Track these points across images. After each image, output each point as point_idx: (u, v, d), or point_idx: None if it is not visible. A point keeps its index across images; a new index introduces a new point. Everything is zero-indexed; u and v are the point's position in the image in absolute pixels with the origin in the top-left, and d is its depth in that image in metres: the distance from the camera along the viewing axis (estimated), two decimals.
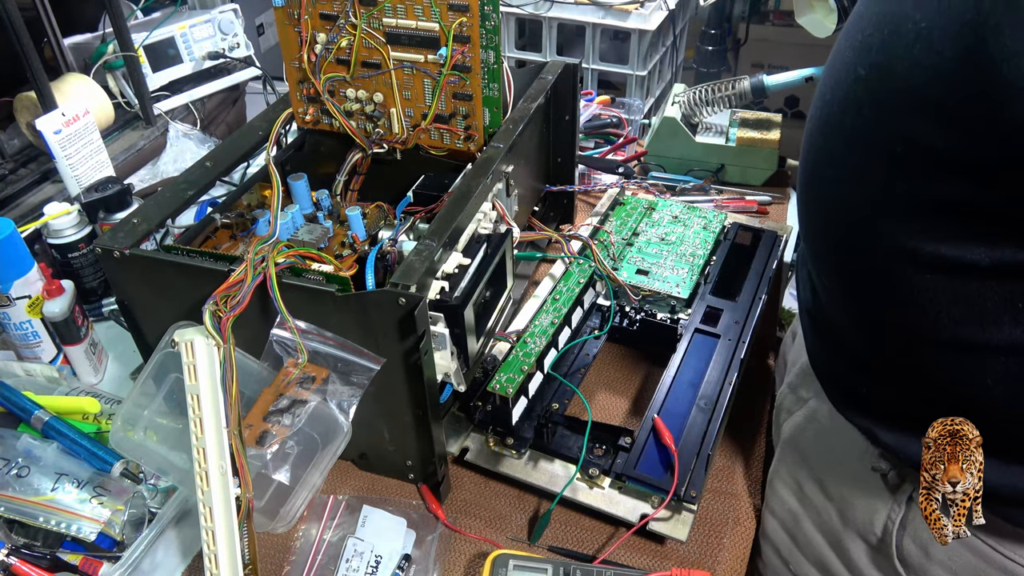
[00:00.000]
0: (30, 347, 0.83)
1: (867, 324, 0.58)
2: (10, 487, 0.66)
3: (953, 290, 0.49)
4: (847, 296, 0.59)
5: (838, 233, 0.57)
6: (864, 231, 0.54)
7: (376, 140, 0.84)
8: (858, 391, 0.61)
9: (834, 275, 0.60)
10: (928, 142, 0.46)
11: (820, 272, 0.62)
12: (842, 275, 0.59)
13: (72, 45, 1.25)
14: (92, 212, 0.90)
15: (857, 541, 0.64)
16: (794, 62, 1.11)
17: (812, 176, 0.59)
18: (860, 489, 0.63)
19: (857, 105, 0.52)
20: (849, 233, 0.56)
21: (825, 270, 0.61)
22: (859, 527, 0.63)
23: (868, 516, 0.63)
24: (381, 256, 0.69)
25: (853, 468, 0.63)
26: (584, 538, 0.69)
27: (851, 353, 0.62)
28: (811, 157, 0.59)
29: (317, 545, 0.66)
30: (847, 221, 0.55)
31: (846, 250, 0.57)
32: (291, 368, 0.60)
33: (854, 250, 0.56)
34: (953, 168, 0.46)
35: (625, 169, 1.10)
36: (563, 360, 0.81)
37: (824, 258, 0.61)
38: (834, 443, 0.66)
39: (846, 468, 0.64)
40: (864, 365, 0.60)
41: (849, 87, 0.52)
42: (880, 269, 0.53)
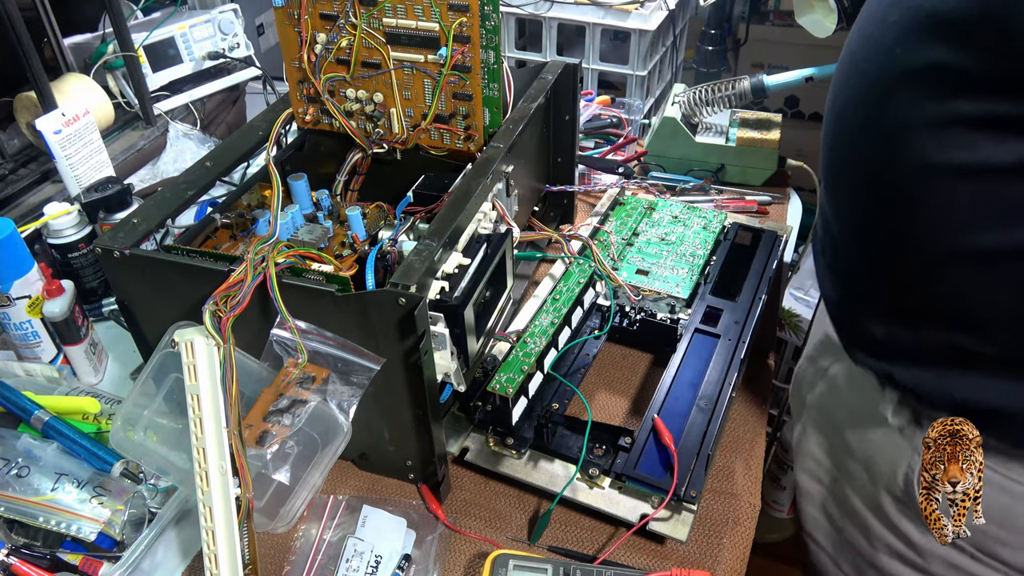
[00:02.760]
0: (30, 347, 0.83)
1: (884, 257, 0.62)
2: (10, 487, 0.66)
3: (977, 195, 0.53)
4: (867, 232, 0.63)
5: (863, 170, 0.61)
6: (890, 157, 0.58)
7: (376, 140, 0.84)
8: (875, 335, 0.65)
9: (854, 214, 0.64)
10: (960, 66, 0.51)
11: (841, 217, 0.66)
12: (864, 210, 0.62)
13: (72, 45, 1.25)
14: (92, 212, 0.90)
15: (887, 498, 0.68)
16: (794, 62, 1.11)
17: (839, 119, 0.63)
18: (880, 446, 0.68)
19: (887, 48, 0.56)
20: (874, 163, 0.59)
21: (846, 214, 0.65)
22: (886, 483, 0.68)
23: (891, 470, 0.67)
24: (381, 256, 0.69)
25: (872, 426, 0.68)
26: (584, 538, 0.69)
27: (869, 295, 0.65)
28: (838, 104, 0.64)
29: (317, 545, 0.66)
30: (873, 151, 0.59)
31: (869, 183, 0.60)
32: (291, 368, 0.60)
33: (878, 180, 0.59)
34: (983, 87, 0.51)
35: (625, 169, 1.10)
36: (563, 360, 0.81)
37: (845, 201, 0.65)
38: (853, 404, 0.71)
39: (865, 427, 0.69)
40: (882, 305, 0.64)
41: (881, 33, 0.57)
42: (905, 191, 0.57)
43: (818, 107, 2.04)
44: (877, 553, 0.72)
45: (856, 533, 0.73)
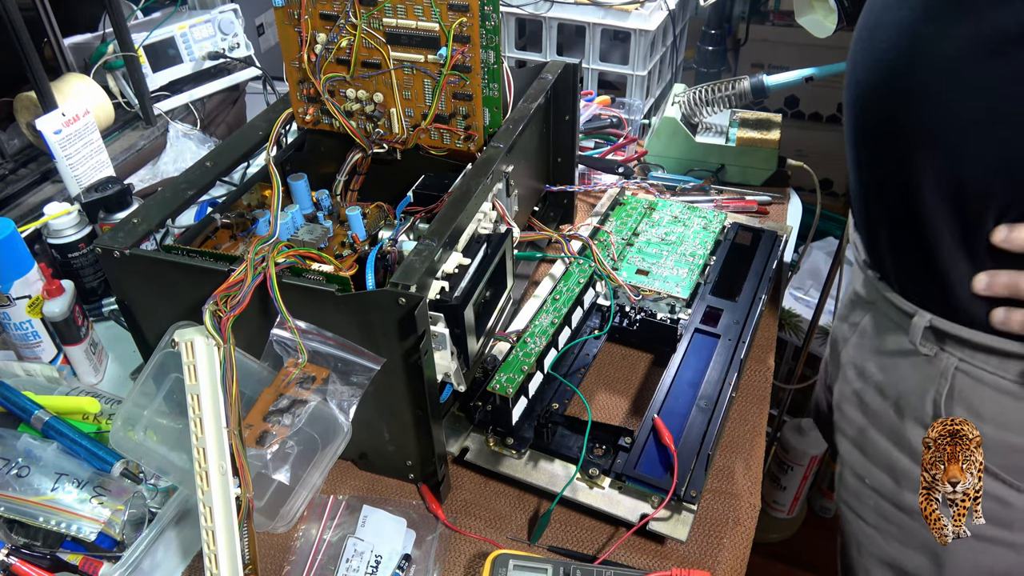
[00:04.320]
0: (30, 347, 0.83)
1: (904, 180, 0.64)
2: (10, 487, 0.66)
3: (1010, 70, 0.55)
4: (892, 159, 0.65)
5: (888, 92, 0.63)
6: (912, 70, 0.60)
7: (376, 140, 0.84)
8: (909, 262, 0.68)
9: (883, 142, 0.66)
10: None
11: (871, 152, 0.69)
12: (887, 135, 0.65)
13: (72, 45, 1.25)
14: (92, 212, 0.90)
15: (915, 428, 0.70)
16: (794, 62, 1.11)
17: (866, 42, 0.65)
18: (909, 377, 0.70)
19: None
20: (894, 49, 0.62)
21: (872, 146, 0.68)
22: (915, 414, 0.70)
23: (920, 399, 0.69)
24: (381, 256, 0.69)
25: (900, 358, 0.71)
26: (584, 538, 0.69)
27: (899, 222, 0.67)
28: (861, 45, 0.66)
29: (317, 545, 0.66)
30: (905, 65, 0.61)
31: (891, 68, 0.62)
32: (291, 368, 0.60)
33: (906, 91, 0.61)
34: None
35: (625, 169, 1.10)
36: (563, 360, 0.81)
37: (872, 135, 0.67)
38: (884, 343, 0.74)
39: (896, 362, 0.72)
40: (910, 228, 0.66)
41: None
42: (934, 87, 0.59)
43: (818, 107, 2.04)
44: (902, 491, 0.73)
45: (881, 475, 0.75)
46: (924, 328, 0.68)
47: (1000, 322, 0.61)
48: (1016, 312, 0.60)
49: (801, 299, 1.68)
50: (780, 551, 1.63)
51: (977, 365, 0.65)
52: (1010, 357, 0.63)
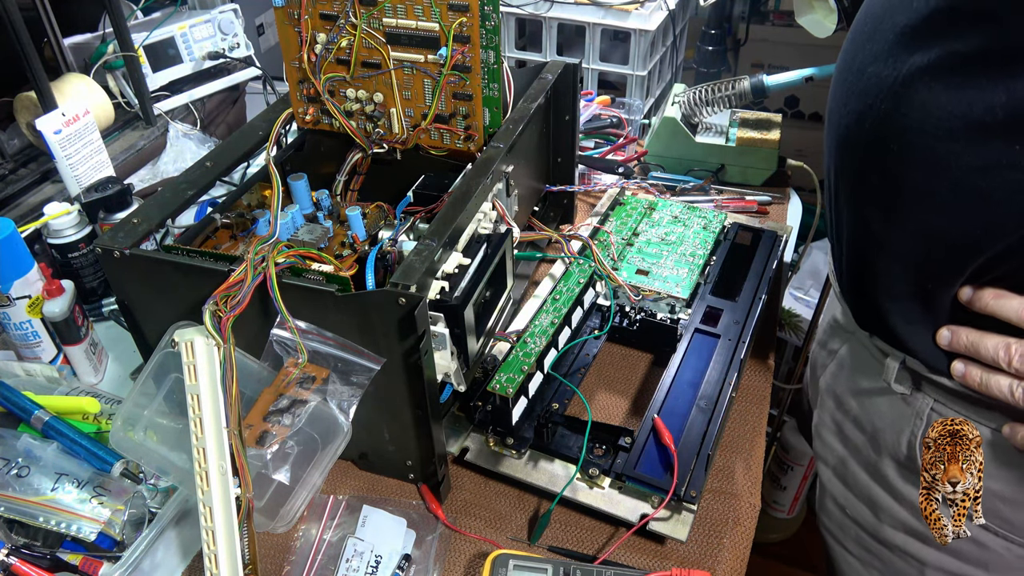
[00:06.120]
0: (30, 347, 0.83)
1: (887, 209, 0.62)
2: (10, 487, 0.66)
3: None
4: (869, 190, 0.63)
5: (867, 121, 0.61)
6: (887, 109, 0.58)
7: (376, 140, 0.84)
8: (881, 304, 0.67)
9: (862, 176, 0.64)
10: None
11: (850, 193, 0.66)
12: (872, 166, 0.63)
13: (72, 45, 1.25)
14: (92, 212, 0.90)
15: (891, 464, 0.71)
16: (794, 62, 1.11)
17: (847, 70, 0.64)
18: (886, 414, 0.71)
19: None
20: (876, 109, 0.60)
21: (851, 183, 0.66)
22: (891, 451, 0.71)
23: (895, 437, 0.70)
24: (381, 256, 0.69)
25: (876, 396, 0.72)
26: (584, 538, 0.69)
27: (875, 262, 0.66)
28: (842, 80, 0.64)
29: (317, 545, 0.66)
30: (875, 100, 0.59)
31: (874, 130, 0.60)
32: (291, 368, 0.60)
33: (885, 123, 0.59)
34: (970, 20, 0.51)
35: (625, 169, 1.10)
36: (563, 360, 0.81)
37: (852, 171, 0.65)
38: (859, 378, 0.74)
39: (871, 398, 0.73)
40: (888, 272, 0.65)
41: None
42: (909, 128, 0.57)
43: (818, 107, 2.04)
44: (882, 525, 0.74)
45: (862, 507, 0.75)
46: (898, 369, 0.68)
47: (959, 375, 0.61)
48: (974, 369, 0.60)
49: (801, 299, 1.68)
50: (780, 551, 1.63)
51: (954, 409, 0.65)
52: (986, 405, 0.62)
